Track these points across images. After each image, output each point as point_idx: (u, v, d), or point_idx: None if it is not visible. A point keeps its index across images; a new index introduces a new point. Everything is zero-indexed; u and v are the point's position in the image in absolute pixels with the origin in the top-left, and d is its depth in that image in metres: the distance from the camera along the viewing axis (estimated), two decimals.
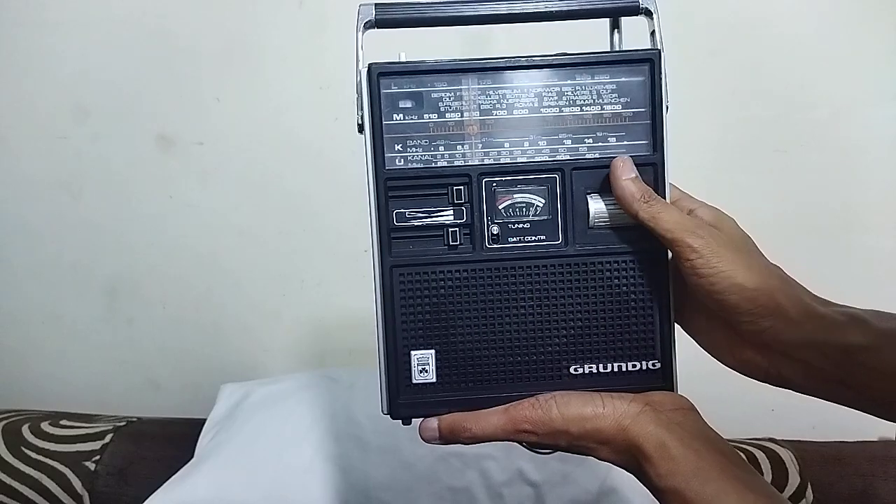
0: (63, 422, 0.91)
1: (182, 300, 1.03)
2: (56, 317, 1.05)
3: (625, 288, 0.45)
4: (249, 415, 0.83)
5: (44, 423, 0.91)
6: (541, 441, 0.43)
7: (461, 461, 0.76)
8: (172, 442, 0.88)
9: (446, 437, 0.45)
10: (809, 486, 0.81)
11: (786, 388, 0.45)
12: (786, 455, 0.83)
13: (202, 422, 0.86)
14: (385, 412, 0.46)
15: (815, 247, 0.93)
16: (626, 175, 0.44)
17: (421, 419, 0.46)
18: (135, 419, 0.94)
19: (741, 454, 0.82)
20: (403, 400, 0.46)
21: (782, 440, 0.86)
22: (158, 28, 0.97)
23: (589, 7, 0.46)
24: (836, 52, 0.91)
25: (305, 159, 0.98)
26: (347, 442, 0.78)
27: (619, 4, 0.46)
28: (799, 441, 0.87)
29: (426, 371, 0.45)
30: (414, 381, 0.45)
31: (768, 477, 0.81)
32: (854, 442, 0.87)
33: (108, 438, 0.89)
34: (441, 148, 0.45)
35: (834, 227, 0.94)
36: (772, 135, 0.93)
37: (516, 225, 0.45)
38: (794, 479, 0.81)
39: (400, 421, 0.46)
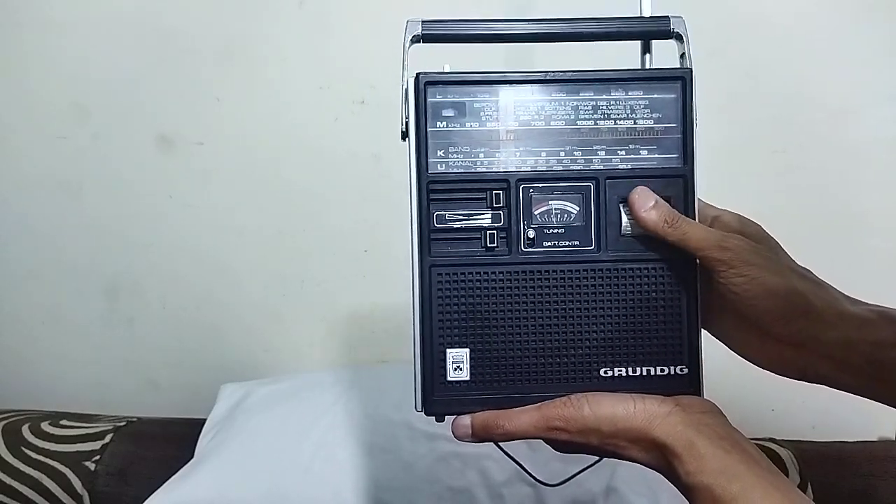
0: (63, 422, 0.91)
1: (182, 300, 1.03)
2: (56, 317, 1.05)
3: (654, 294, 0.47)
4: (249, 415, 0.83)
5: (44, 423, 0.91)
6: (572, 439, 0.44)
7: (461, 461, 0.76)
8: (172, 442, 0.88)
9: (479, 435, 0.46)
10: (809, 486, 0.81)
11: (821, 384, 0.46)
12: (786, 455, 0.83)
13: (202, 422, 0.86)
14: (419, 409, 0.47)
15: (816, 247, 0.92)
16: (646, 206, 0.45)
17: (454, 416, 0.47)
18: (135, 419, 0.94)
19: None
20: (438, 397, 0.47)
21: (782, 440, 0.86)
22: (158, 28, 0.97)
23: (623, 30, 0.49)
24: (836, 52, 0.92)
25: (305, 159, 0.98)
26: (347, 442, 0.78)
27: (651, 28, 0.49)
28: (799, 441, 0.87)
29: (461, 369, 0.47)
30: (448, 379, 0.47)
31: None
32: (854, 442, 0.87)
33: (108, 438, 0.89)
34: (481, 154, 0.47)
35: (834, 228, 0.94)
36: (772, 135, 0.93)
37: (551, 230, 0.47)
38: (794, 479, 0.81)
39: (433, 417, 0.47)
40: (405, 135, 0.47)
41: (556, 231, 0.47)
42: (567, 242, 0.47)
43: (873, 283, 0.91)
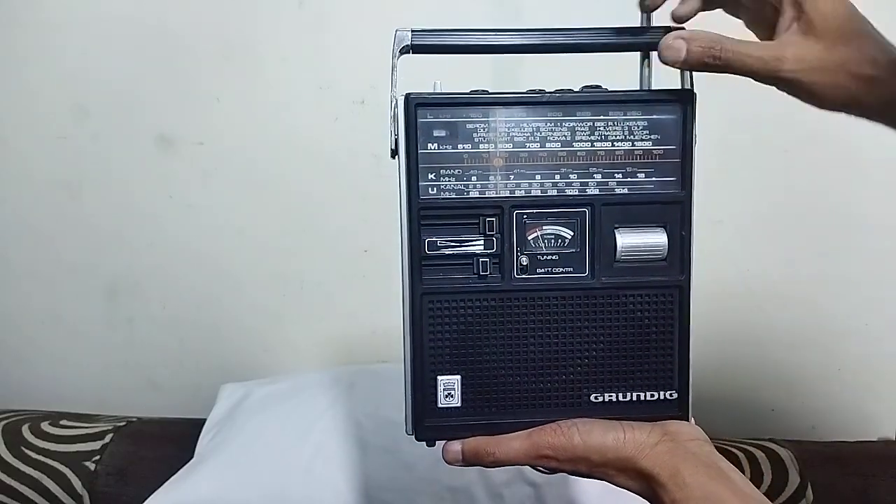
0: (63, 422, 0.91)
1: (182, 300, 1.03)
2: (56, 317, 1.05)
3: (647, 321, 0.46)
4: (249, 415, 0.83)
5: (44, 423, 0.91)
6: (561, 467, 0.45)
7: None
8: (172, 442, 0.88)
9: (469, 460, 0.46)
10: (809, 486, 0.81)
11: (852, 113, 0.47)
12: (786, 455, 0.83)
13: (202, 422, 0.86)
14: (410, 433, 0.47)
15: (817, 246, 0.93)
16: (680, 56, 0.44)
17: (445, 441, 0.47)
18: (135, 419, 0.94)
19: (743, 457, 0.82)
20: (429, 423, 0.47)
21: (782, 440, 0.86)
22: (158, 28, 0.97)
23: (621, 41, 0.47)
24: None
25: (305, 159, 0.98)
26: (347, 442, 0.78)
27: (650, 39, 0.47)
28: (799, 441, 0.86)
29: (451, 396, 0.46)
30: (439, 405, 0.46)
31: (768, 477, 0.81)
32: (854, 442, 0.87)
33: (108, 438, 0.89)
34: (473, 178, 0.45)
35: (836, 226, 0.93)
36: (774, 134, 0.93)
37: (545, 256, 0.46)
38: (794, 479, 0.81)
39: (424, 442, 0.47)
40: (395, 153, 0.45)
41: (549, 257, 0.46)
42: (561, 269, 0.46)
43: (873, 281, 0.91)
